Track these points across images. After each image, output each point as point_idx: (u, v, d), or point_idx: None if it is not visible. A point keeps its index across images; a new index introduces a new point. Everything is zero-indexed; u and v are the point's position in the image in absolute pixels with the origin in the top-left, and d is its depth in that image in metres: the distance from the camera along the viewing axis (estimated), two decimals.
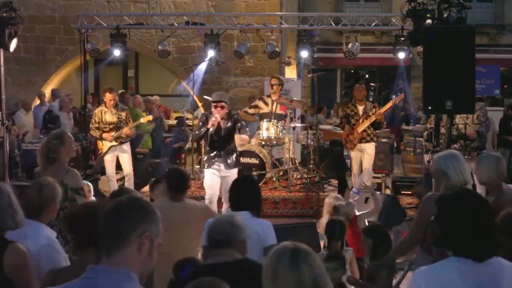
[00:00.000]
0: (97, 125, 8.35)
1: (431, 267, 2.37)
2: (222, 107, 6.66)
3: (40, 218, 3.38)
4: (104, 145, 8.39)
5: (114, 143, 8.31)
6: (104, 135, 8.27)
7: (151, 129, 10.65)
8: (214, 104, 6.70)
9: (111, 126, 8.29)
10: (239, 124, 6.87)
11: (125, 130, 8.28)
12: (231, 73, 14.08)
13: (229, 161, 6.84)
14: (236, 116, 6.90)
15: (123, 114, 8.41)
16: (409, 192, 9.32)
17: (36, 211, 3.38)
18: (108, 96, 8.34)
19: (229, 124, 6.79)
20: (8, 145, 7.34)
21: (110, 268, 2.00)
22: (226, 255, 2.97)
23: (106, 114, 8.34)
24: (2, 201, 3.02)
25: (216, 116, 6.63)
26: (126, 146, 8.47)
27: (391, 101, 8.95)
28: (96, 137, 8.60)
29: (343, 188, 8.46)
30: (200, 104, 13.64)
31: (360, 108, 8.58)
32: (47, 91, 14.04)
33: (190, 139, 10.59)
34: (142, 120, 8.98)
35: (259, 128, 9.08)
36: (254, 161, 8.82)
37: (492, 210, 2.41)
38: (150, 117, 9.35)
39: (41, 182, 3.55)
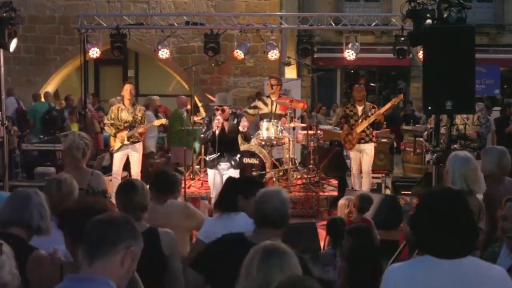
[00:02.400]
0: (112, 122, 8.40)
1: (403, 266, 2.32)
2: (223, 111, 6.73)
3: None
4: (116, 143, 8.44)
5: (126, 141, 8.35)
6: (118, 134, 8.32)
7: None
8: (216, 108, 6.76)
9: (125, 125, 8.34)
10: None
11: (140, 130, 8.32)
12: (231, 73, 14.09)
13: (233, 161, 6.87)
14: (240, 118, 6.93)
15: (139, 114, 8.42)
16: (409, 192, 9.31)
17: (56, 207, 3.39)
18: (125, 87, 8.40)
19: (234, 124, 6.82)
20: (8, 145, 7.33)
21: (89, 276, 1.97)
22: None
23: (122, 111, 8.39)
24: (33, 199, 3.04)
25: (219, 118, 6.67)
26: (139, 146, 8.50)
27: (390, 101, 8.96)
28: (110, 134, 8.66)
29: (343, 188, 8.46)
30: (200, 104, 13.64)
31: (359, 109, 8.58)
32: (48, 90, 14.04)
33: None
34: (155, 122, 9.02)
35: (259, 128, 9.08)
36: (254, 161, 8.82)
37: (468, 209, 2.29)
38: (163, 121, 9.36)
39: (58, 178, 3.56)
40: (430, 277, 2.20)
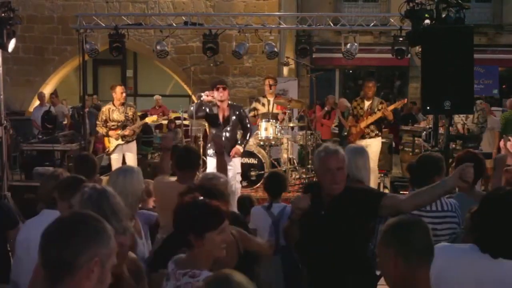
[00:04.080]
0: (103, 123, 8.44)
1: (452, 247, 2.41)
2: (224, 89, 6.64)
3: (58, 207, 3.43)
4: (111, 144, 8.47)
5: (120, 141, 8.37)
6: (110, 132, 8.36)
7: None
8: (217, 86, 6.65)
9: (118, 124, 8.38)
10: (242, 125, 6.91)
11: (126, 132, 8.33)
12: (230, 74, 14.09)
13: (231, 161, 6.84)
14: (242, 113, 6.89)
15: (130, 112, 8.47)
16: (408, 192, 9.31)
17: (54, 201, 3.41)
18: (118, 89, 8.42)
19: (234, 117, 6.80)
20: (7, 145, 7.34)
21: None
22: None
23: (113, 112, 8.43)
24: None
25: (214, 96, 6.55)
26: (133, 145, 8.55)
27: (395, 103, 9.01)
28: (103, 134, 8.72)
29: None
30: None
31: (367, 104, 8.57)
32: (46, 91, 14.03)
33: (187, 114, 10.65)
34: (147, 120, 9.00)
35: (257, 129, 9.08)
36: (252, 161, 8.82)
37: None
38: (155, 117, 9.36)
39: (55, 172, 3.57)
40: (474, 270, 2.25)
